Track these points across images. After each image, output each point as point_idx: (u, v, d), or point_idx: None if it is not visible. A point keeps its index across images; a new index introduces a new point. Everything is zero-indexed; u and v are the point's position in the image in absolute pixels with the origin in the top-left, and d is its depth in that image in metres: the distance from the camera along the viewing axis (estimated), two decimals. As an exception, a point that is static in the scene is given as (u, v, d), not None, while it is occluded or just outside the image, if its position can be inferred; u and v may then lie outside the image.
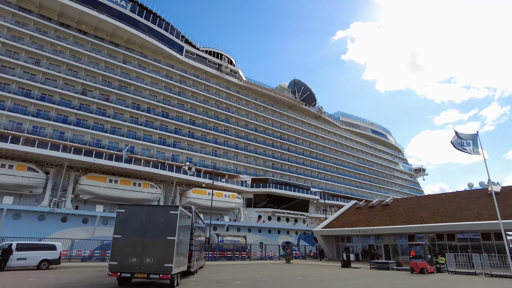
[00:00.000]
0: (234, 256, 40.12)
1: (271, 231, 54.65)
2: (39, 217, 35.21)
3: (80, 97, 43.70)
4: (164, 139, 50.00)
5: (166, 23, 54.81)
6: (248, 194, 55.41)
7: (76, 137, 41.88)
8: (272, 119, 67.11)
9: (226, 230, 48.66)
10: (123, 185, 41.24)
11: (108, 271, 12.59)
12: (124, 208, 13.28)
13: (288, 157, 66.66)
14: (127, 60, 50.55)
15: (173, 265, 12.58)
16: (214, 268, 26.34)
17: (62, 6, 44.57)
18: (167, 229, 12.92)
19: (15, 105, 38.94)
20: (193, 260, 18.47)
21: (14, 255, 20.15)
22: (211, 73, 60.21)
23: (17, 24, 41.85)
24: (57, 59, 43.52)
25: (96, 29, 48.44)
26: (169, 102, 52.83)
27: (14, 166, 35.07)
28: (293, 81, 77.45)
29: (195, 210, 19.89)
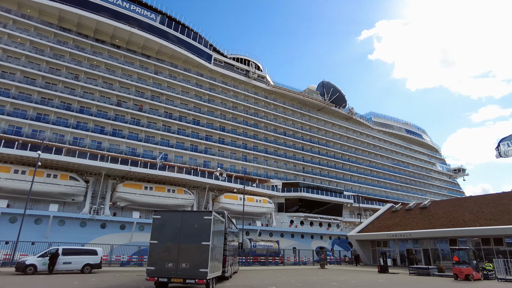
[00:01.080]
0: (267, 261, 39.93)
1: (304, 236, 53.93)
2: (81, 223, 37.01)
3: (115, 108, 45.76)
4: (195, 146, 51.08)
5: (194, 33, 56.27)
6: (279, 198, 55.14)
7: (113, 146, 43.86)
8: (301, 122, 66.57)
9: (259, 235, 48.63)
10: (157, 192, 42.47)
11: (146, 275, 12.94)
12: (160, 214, 13.65)
13: (319, 160, 65.72)
14: (158, 71, 52.34)
15: (208, 270, 12.72)
16: (248, 273, 26.35)
17: (97, 23, 47.03)
18: (201, 234, 13.11)
19: (57, 118, 41.50)
20: (228, 265, 18.57)
21: (60, 259, 21.30)
22: (239, 80, 60.91)
23: (58, 43, 44.75)
24: (94, 73, 45.94)
25: (129, 42, 50.61)
26: (199, 109, 53.98)
27: (58, 175, 37.20)
28: (321, 83, 76.51)
29: (228, 215, 20.04)
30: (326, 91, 73.81)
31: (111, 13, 47.64)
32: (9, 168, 34.90)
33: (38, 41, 43.20)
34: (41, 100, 41.16)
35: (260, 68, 66.19)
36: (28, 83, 40.94)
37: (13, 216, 33.25)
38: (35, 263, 20.65)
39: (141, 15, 50.29)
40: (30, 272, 20.33)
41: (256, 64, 65.26)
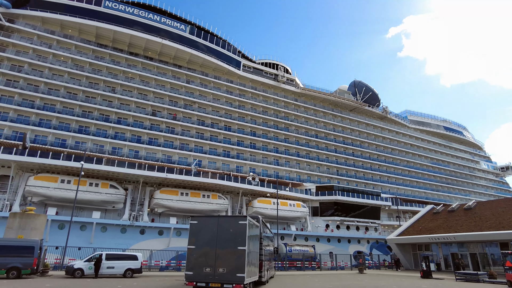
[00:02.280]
0: (303, 266, 39.38)
1: (341, 240, 52.66)
2: (121, 229, 38.57)
3: (150, 118, 47.55)
4: (228, 151, 51.77)
5: (223, 41, 57.33)
6: (313, 202, 54.33)
7: (149, 154, 45.55)
8: (333, 124, 65.41)
9: (294, 240, 48.13)
10: (193, 198, 43.38)
11: (184, 280, 13.21)
12: (197, 219, 13.93)
13: (353, 162, 64.13)
14: (190, 80, 53.78)
15: (245, 275, 12.76)
16: (284, 278, 26.13)
17: (131, 37, 49.24)
18: (237, 239, 13.20)
19: (97, 129, 43.82)
20: (264, 270, 18.52)
21: (104, 264, 22.32)
22: (268, 84, 61.08)
23: (96, 59, 47.40)
24: (129, 85, 48.09)
25: (161, 54, 52.49)
26: (230, 115, 54.73)
27: (99, 184, 39.13)
28: (353, 82, 74.82)
29: (262, 219, 20.03)
30: (358, 91, 72.07)
31: (143, 27, 49.73)
32: (57, 178, 37.21)
33: (78, 58, 46.05)
34: (82, 113, 43.72)
35: (289, 71, 66.01)
36: (71, 98, 43.65)
37: (61, 223, 35.34)
38: (82, 267, 21.80)
39: (171, 26, 52.05)
40: (78, 275, 21.46)
41: (285, 67, 65.16)
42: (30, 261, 20.04)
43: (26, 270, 19.86)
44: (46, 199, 36.84)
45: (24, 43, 43.44)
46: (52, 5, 45.57)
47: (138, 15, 49.86)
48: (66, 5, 46.09)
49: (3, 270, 19.27)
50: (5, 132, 38.35)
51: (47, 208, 36.68)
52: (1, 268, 19.24)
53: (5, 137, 37.98)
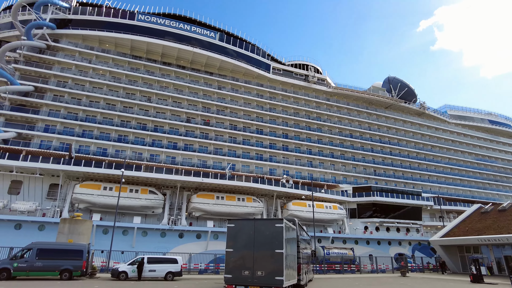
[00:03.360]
0: (342, 269, 38.48)
1: (381, 242, 50.84)
2: (161, 234, 39.83)
3: (185, 125, 48.92)
4: (260, 154, 51.98)
5: (252, 45, 57.83)
6: (350, 204, 52.98)
7: (185, 160, 46.84)
8: (368, 122, 63.54)
9: (332, 243, 47.19)
10: (228, 201, 43.93)
11: (224, 283, 13.36)
12: (234, 222, 14.06)
13: (391, 161, 61.85)
14: (221, 86, 54.73)
15: (284, 278, 12.68)
16: (323, 281, 25.65)
17: (163, 48, 51.06)
18: (274, 242, 13.17)
19: (135, 138, 45.79)
20: (302, 273, 18.29)
21: (146, 267, 23.13)
22: (299, 85, 60.64)
23: (132, 70, 49.67)
24: (164, 94, 49.81)
25: (192, 62, 53.90)
26: (261, 119, 54.95)
27: (139, 190, 40.74)
28: (387, 79, 72.31)
29: (298, 222, 19.83)
30: (393, 87, 69.55)
31: (175, 37, 51.39)
32: (99, 185, 39.25)
33: (116, 70, 48.45)
34: (121, 123, 45.91)
35: (319, 71, 65.12)
36: (110, 109, 46.03)
37: (105, 228, 37.16)
38: (126, 270, 22.74)
39: (201, 35, 53.35)
40: (123, 278, 22.42)
41: (315, 67, 64.38)
42: (79, 264, 21.25)
43: (77, 272, 21.07)
44: (91, 206, 38.94)
45: (67, 60, 46.48)
46: (91, 22, 48.39)
47: (170, 26, 51.64)
48: (103, 21, 48.76)
49: (57, 271, 20.58)
50: (53, 144, 41.22)
51: (92, 214, 38.74)
52: (55, 269, 20.58)
53: (54, 148, 40.80)
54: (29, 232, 34.01)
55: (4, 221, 34.25)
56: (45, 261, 20.56)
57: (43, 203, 38.40)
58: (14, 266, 19.90)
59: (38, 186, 39.00)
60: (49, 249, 21.28)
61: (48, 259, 20.71)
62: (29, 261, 20.31)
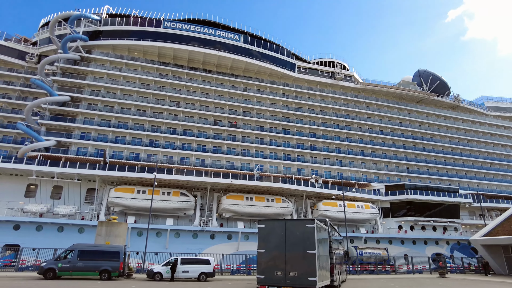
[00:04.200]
0: (377, 270, 37.45)
1: (416, 242, 48.98)
2: (193, 235, 40.60)
3: (213, 128, 49.70)
4: (288, 154, 51.76)
5: (276, 45, 57.75)
6: (383, 203, 51.46)
7: (214, 162, 47.63)
8: (399, 118, 61.50)
9: (364, 243, 46.07)
10: (258, 202, 44.05)
11: (256, 284, 13.39)
12: (264, 223, 14.07)
13: (425, 158, 59.45)
14: (247, 87, 55.07)
15: (317, 278, 12.55)
16: (357, 282, 25.08)
17: (190, 53, 52.15)
18: (305, 243, 13.06)
19: (166, 142, 47.09)
20: (335, 274, 18.00)
21: (179, 268, 23.66)
22: (325, 83, 59.76)
23: (160, 76, 51.16)
24: (192, 98, 50.87)
25: (218, 65, 54.64)
26: (288, 119, 54.72)
27: (171, 193, 41.77)
28: (417, 72, 69.65)
29: (330, 222, 19.52)
30: (424, 81, 66.91)
31: (200, 42, 52.36)
32: (133, 189, 40.65)
33: (145, 77, 50.07)
34: (151, 128, 47.41)
35: (346, 67, 63.87)
36: (140, 115, 47.64)
37: (139, 230, 38.42)
38: (161, 271, 23.38)
39: (226, 38, 54.00)
40: (158, 279, 23.06)
41: (342, 64, 63.20)
42: (117, 265, 22.10)
43: (115, 273, 21.92)
44: (126, 209, 40.39)
45: (99, 69, 48.65)
46: (120, 32, 50.33)
47: (195, 31, 52.69)
48: (131, 31, 50.60)
49: (97, 272, 21.54)
50: (89, 150, 43.28)
51: (127, 217, 40.19)
52: (95, 270, 21.55)
53: (90, 154, 42.82)
54: (70, 234, 35.92)
55: (48, 224, 36.42)
56: (86, 262, 21.57)
57: (81, 207, 40.35)
58: (58, 266, 21.06)
59: (77, 191, 41.01)
60: (89, 251, 22.33)
61: (89, 260, 21.72)
62: (72, 261, 21.39)
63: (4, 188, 39.32)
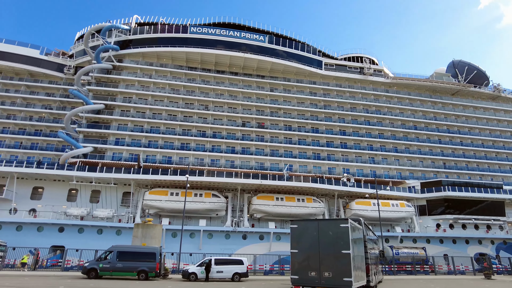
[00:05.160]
0: (414, 270, 36.08)
1: (457, 241, 46.64)
2: (226, 236, 41.08)
3: (241, 129, 50.12)
4: (317, 153, 51.12)
5: (301, 43, 57.27)
6: (419, 200, 49.47)
7: (244, 163, 48.05)
8: (433, 112, 58.91)
9: (400, 242, 44.54)
10: (288, 202, 43.82)
11: (291, 284, 13.32)
12: (296, 223, 13.98)
13: (463, 153, 56.52)
14: (274, 88, 55.02)
15: (353, 279, 12.29)
16: (394, 282, 24.28)
17: (216, 57, 52.92)
18: (340, 243, 12.84)
19: (196, 145, 48.08)
20: (371, 274, 17.51)
21: (213, 268, 24.00)
22: (354, 79, 58.46)
23: (189, 81, 52.35)
24: (219, 101, 51.60)
25: (244, 67, 55.03)
26: (316, 117, 54.07)
27: (203, 194, 42.54)
28: (451, 63, 66.35)
29: (364, 222, 19.05)
30: (460, 71, 63.63)
31: (226, 45, 52.99)
32: (167, 191, 41.82)
33: (174, 82, 51.42)
34: (182, 131, 48.64)
35: (375, 62, 62.07)
36: (171, 119, 48.99)
37: (174, 232, 39.44)
38: (195, 272, 23.84)
39: (251, 39, 54.30)
40: (193, 279, 23.54)
41: (370, 59, 61.52)
42: (153, 266, 22.82)
43: (152, 273, 22.64)
44: (160, 211, 41.60)
45: (131, 77, 50.58)
46: (149, 40, 52.04)
47: (220, 35, 53.44)
48: (159, 38, 52.15)
49: (135, 272, 22.36)
50: (124, 155, 45.07)
51: (161, 219, 41.40)
52: (133, 270, 22.39)
53: (124, 159, 44.58)
54: (109, 236, 37.57)
55: (89, 226, 38.33)
56: (124, 263, 22.46)
57: (118, 210, 42.07)
58: (100, 266, 22.12)
59: (114, 195, 42.79)
60: (127, 252, 23.23)
61: (127, 260, 22.60)
62: (111, 262, 22.37)
63: (49, 193, 41.94)
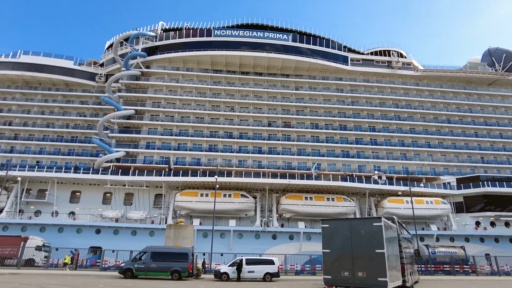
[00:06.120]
0: (453, 270, 34.47)
1: (499, 240, 44.06)
2: (255, 235, 41.21)
3: (267, 129, 50.28)
4: (346, 151, 50.19)
5: (326, 40, 56.47)
6: (455, 197, 47.24)
7: (271, 163, 48.13)
8: (468, 104, 56.10)
9: (436, 241, 42.76)
10: (317, 201, 43.29)
11: (323, 284, 13.14)
12: (328, 223, 13.78)
13: (503, 146, 53.36)
14: (299, 86, 54.65)
15: (388, 279, 11.93)
16: (431, 283, 23.31)
17: (240, 58, 53.33)
18: (373, 242, 12.53)
19: (224, 146, 48.73)
20: (407, 274, 16.91)
21: (244, 268, 24.10)
22: (382, 73, 56.86)
23: (214, 84, 53.33)
24: (245, 102, 51.97)
25: (268, 67, 55.05)
26: (344, 114, 53.10)
27: (231, 195, 42.96)
28: (487, 51, 62.89)
29: (398, 220, 18.45)
30: (496, 60, 60.19)
31: (250, 46, 53.27)
32: (197, 193, 42.62)
33: (200, 86, 52.41)
34: (209, 133, 49.42)
35: (403, 55, 60.01)
36: (199, 122, 49.97)
37: (205, 232, 40.10)
38: (227, 271, 24.05)
39: (274, 39, 54.23)
40: (225, 279, 23.76)
41: (398, 52, 59.56)
42: (186, 266, 23.26)
43: (184, 273, 23.09)
44: (191, 212, 42.46)
45: (158, 82, 52.04)
46: (175, 45, 53.30)
47: (244, 36, 53.79)
48: (185, 42, 53.27)
49: (168, 272, 22.91)
50: (154, 158, 46.44)
51: (192, 220, 42.20)
52: (166, 270, 22.94)
53: (155, 162, 45.94)
54: (142, 237, 38.76)
55: (124, 228, 39.78)
56: (158, 263, 23.07)
57: (151, 211, 43.36)
58: (135, 266, 22.85)
59: (146, 197, 44.15)
60: (161, 252, 23.84)
61: (160, 261, 23.19)
62: (146, 262, 23.04)
63: (86, 196, 43.97)
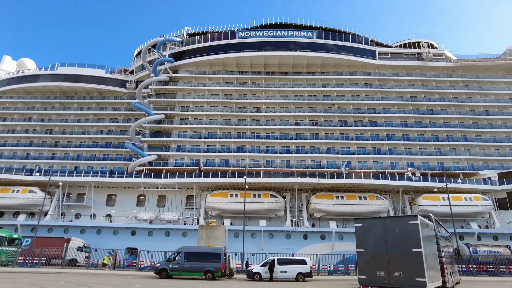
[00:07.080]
0: (499, 271, 32.54)
1: (551, 238, 41.14)
2: (286, 235, 41.06)
3: (294, 128, 49.92)
4: (377, 148, 48.86)
5: (352, 35, 55.31)
6: (497, 193, 44.61)
7: (299, 162, 47.80)
8: (508, 94, 52.80)
9: (478, 240, 40.63)
10: (349, 200, 42.42)
11: (358, 284, 12.87)
12: (361, 222, 13.49)
13: (550, 137, 49.80)
14: (325, 83, 53.87)
15: (426, 279, 11.48)
16: (475, 285, 22.13)
17: (265, 59, 53.40)
18: (409, 241, 12.13)
19: (251, 147, 48.95)
20: (447, 274, 16.18)
21: (277, 268, 24.04)
22: (412, 66, 54.81)
23: (240, 85, 53.68)
24: (271, 102, 51.93)
25: (293, 66, 54.68)
26: (374, 110, 51.75)
27: (261, 195, 43.08)
28: (528, 38, 58.89)
29: (435, 218, 17.70)
30: (540, 45, 56.19)
31: (274, 45, 53.19)
32: (227, 193, 43.13)
33: (227, 88, 53.00)
34: (237, 135, 49.87)
35: (434, 46, 57.42)
36: (226, 124, 50.58)
37: (236, 232, 40.45)
38: (259, 271, 24.10)
39: (299, 37, 53.81)
40: (257, 279, 23.83)
41: (429, 43, 57.06)
42: (219, 266, 23.56)
43: (218, 273, 23.40)
44: (221, 212, 43.01)
45: (186, 86, 53.20)
46: (200, 49, 54.26)
47: (268, 36, 53.82)
48: (210, 46, 54.12)
49: (201, 272, 23.31)
50: (185, 161, 47.55)
51: (223, 220, 42.72)
52: (200, 270, 23.34)
53: (186, 164, 47.04)
54: (176, 238, 39.73)
55: (157, 229, 40.98)
56: (191, 263, 23.53)
57: (183, 212, 44.37)
58: (169, 267, 23.45)
59: (178, 198, 45.23)
60: (194, 253, 24.30)
61: (194, 261, 23.63)
62: (180, 263, 23.57)
63: (121, 199, 45.72)
